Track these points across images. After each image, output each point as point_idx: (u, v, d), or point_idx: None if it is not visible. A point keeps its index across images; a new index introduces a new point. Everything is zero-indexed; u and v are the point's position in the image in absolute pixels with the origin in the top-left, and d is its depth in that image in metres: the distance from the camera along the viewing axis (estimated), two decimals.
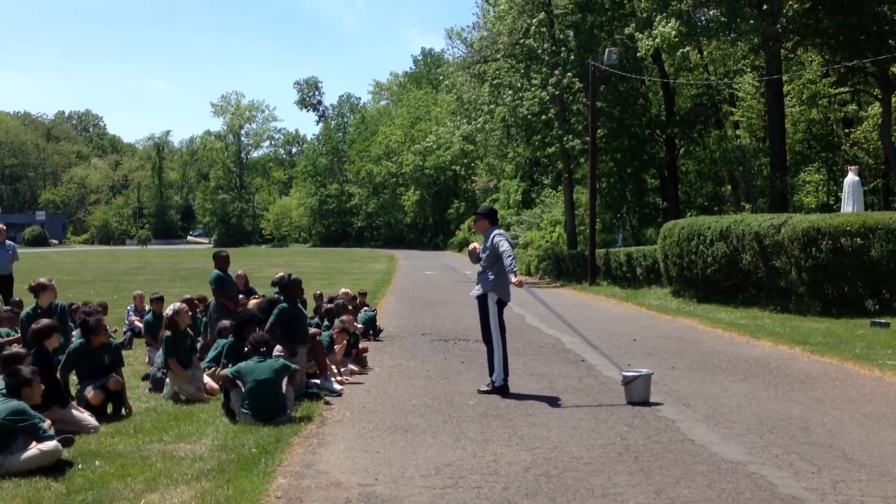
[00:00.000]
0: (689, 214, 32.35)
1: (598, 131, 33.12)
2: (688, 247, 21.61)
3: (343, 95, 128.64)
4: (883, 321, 15.03)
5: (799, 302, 17.85)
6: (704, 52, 36.06)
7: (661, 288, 24.88)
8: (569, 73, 33.81)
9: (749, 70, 32.87)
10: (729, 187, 38.46)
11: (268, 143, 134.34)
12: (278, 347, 9.60)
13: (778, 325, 16.03)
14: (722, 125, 38.58)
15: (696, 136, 38.18)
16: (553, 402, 9.32)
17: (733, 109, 34.57)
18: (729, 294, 20.44)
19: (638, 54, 33.48)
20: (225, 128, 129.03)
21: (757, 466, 6.65)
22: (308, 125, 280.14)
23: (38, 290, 11.05)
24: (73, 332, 11.38)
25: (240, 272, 15.53)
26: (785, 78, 29.20)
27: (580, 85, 33.48)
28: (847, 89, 31.03)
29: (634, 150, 36.97)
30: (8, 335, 12.60)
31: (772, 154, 29.55)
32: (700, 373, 11.29)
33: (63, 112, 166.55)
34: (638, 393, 9.16)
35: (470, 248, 10.69)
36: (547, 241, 42.87)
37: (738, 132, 35.61)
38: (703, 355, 13.01)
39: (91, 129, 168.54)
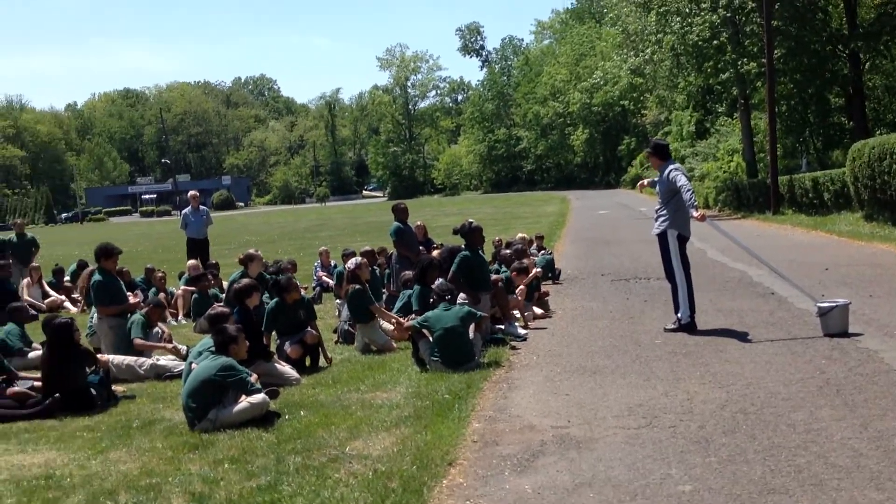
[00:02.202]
0: (878, 133, 30.40)
1: (775, 52, 31.48)
2: (880, 167, 20.40)
3: (505, 38, 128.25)
4: None
5: None
6: None
7: (851, 213, 23.68)
8: None
9: None
10: None
11: (434, 92, 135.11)
12: (462, 295, 9.77)
13: None
14: None
15: (883, 49, 35.54)
16: (744, 337, 9.07)
17: None
18: None
19: None
20: (392, 81, 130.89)
21: None
22: (472, 71, 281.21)
23: (246, 261, 11.68)
24: None
25: (419, 223, 15.93)
26: None
27: (753, 4, 31.86)
28: None
29: (815, 69, 34.90)
30: (215, 296, 13.50)
31: None
32: None
33: (239, 78, 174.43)
34: (835, 324, 8.78)
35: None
36: (725, 172, 41.39)
37: None
38: None
39: (266, 93, 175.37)
